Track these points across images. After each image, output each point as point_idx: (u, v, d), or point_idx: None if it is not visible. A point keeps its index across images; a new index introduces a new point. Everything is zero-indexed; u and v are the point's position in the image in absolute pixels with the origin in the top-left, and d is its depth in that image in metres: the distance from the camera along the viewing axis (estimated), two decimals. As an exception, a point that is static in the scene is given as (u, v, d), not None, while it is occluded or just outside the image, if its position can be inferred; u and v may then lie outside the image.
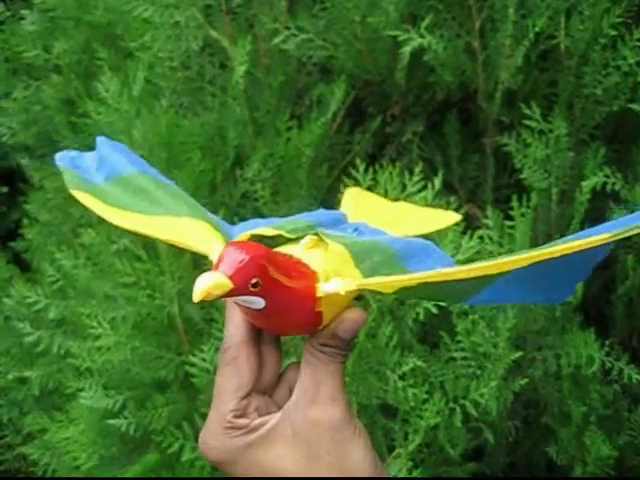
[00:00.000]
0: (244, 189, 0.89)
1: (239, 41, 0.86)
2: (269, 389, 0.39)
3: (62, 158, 0.45)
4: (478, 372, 0.76)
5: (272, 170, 0.88)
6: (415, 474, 0.74)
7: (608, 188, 0.77)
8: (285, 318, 0.36)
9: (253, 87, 0.90)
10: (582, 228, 0.77)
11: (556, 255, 0.33)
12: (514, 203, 0.78)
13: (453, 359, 0.77)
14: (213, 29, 0.90)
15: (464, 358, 0.77)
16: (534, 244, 0.79)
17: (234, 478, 0.39)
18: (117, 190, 0.43)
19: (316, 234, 0.39)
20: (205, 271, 0.34)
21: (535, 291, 0.37)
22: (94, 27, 1.03)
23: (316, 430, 0.37)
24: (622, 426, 0.78)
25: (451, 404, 0.75)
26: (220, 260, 0.34)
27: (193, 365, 0.82)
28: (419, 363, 0.75)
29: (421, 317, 0.76)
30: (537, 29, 0.79)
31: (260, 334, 0.39)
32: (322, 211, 0.43)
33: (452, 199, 0.80)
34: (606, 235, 0.32)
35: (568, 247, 0.32)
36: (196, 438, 0.83)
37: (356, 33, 0.85)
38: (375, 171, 0.80)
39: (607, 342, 0.75)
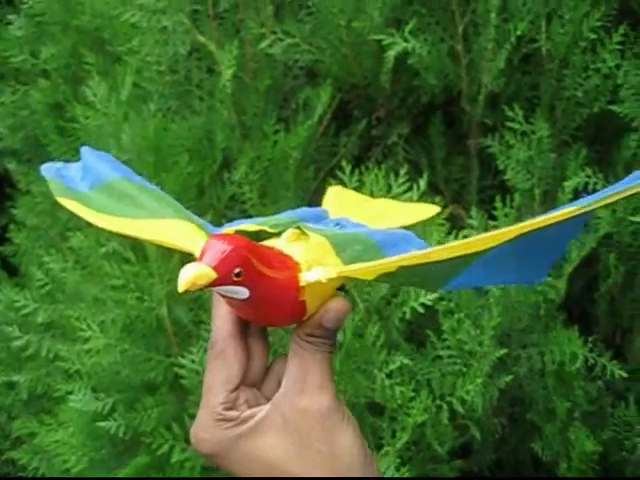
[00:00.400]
0: (232, 192, 0.90)
1: (226, 45, 0.87)
2: (257, 382, 0.40)
3: (48, 169, 0.46)
4: (464, 370, 0.77)
5: (259, 173, 0.89)
6: (403, 471, 0.74)
7: (590, 188, 0.79)
8: (270, 308, 0.37)
9: (240, 91, 0.91)
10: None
11: (526, 230, 0.33)
12: (498, 204, 0.80)
13: (439, 357, 0.78)
14: (200, 34, 0.91)
15: (450, 356, 0.78)
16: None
17: (224, 479, 0.39)
18: (102, 197, 0.44)
19: (298, 228, 0.40)
20: None
21: (513, 272, 0.38)
22: (81, 32, 1.04)
23: (305, 419, 0.37)
24: (606, 422, 0.79)
25: (438, 401, 0.76)
26: (203, 252, 0.35)
27: (182, 367, 0.82)
28: (406, 361, 0.76)
29: (408, 316, 0.77)
30: (519, 33, 0.81)
31: (247, 327, 0.40)
32: (304, 208, 0.44)
33: (437, 200, 0.82)
34: (573, 208, 0.33)
35: (538, 222, 0.33)
36: (186, 439, 0.84)
37: (341, 37, 0.86)
38: (361, 173, 0.81)
39: (590, 339, 0.77)
